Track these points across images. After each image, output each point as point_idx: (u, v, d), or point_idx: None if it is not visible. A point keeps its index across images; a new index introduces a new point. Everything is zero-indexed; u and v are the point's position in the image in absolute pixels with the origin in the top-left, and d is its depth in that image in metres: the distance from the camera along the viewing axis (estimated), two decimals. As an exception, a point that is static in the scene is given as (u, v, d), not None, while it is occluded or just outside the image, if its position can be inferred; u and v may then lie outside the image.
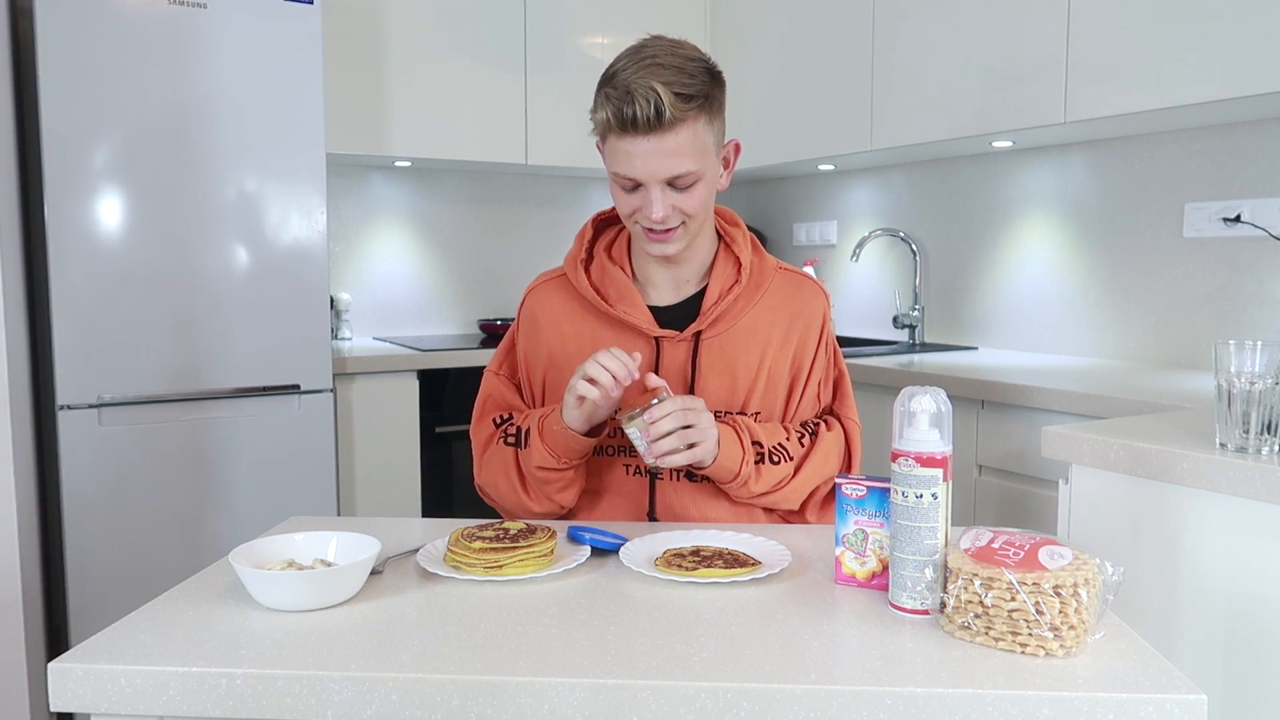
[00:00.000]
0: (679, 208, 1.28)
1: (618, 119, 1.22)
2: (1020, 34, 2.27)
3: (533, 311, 1.45)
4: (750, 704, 0.79)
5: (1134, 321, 2.44)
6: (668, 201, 1.27)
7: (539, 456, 1.30)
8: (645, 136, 1.22)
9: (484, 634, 0.90)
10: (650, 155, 1.23)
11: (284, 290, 2.39)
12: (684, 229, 1.31)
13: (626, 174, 1.26)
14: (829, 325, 1.44)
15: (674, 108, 1.21)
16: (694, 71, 1.24)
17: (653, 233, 1.30)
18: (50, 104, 2.11)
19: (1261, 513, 1.26)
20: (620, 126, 1.23)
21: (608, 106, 1.24)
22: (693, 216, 1.30)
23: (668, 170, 1.24)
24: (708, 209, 1.34)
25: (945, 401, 0.96)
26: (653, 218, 1.27)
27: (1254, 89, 1.84)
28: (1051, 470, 1.94)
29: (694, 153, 1.25)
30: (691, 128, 1.24)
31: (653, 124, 1.21)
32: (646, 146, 1.23)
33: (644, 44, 1.27)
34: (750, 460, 1.29)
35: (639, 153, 1.24)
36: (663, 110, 1.20)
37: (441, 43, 2.92)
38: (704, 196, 1.29)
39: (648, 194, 1.27)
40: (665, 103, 1.20)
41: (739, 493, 1.32)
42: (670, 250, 1.32)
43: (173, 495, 2.29)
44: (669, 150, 1.23)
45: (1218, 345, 1.32)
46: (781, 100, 3.02)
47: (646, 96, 1.20)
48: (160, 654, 0.85)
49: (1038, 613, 0.85)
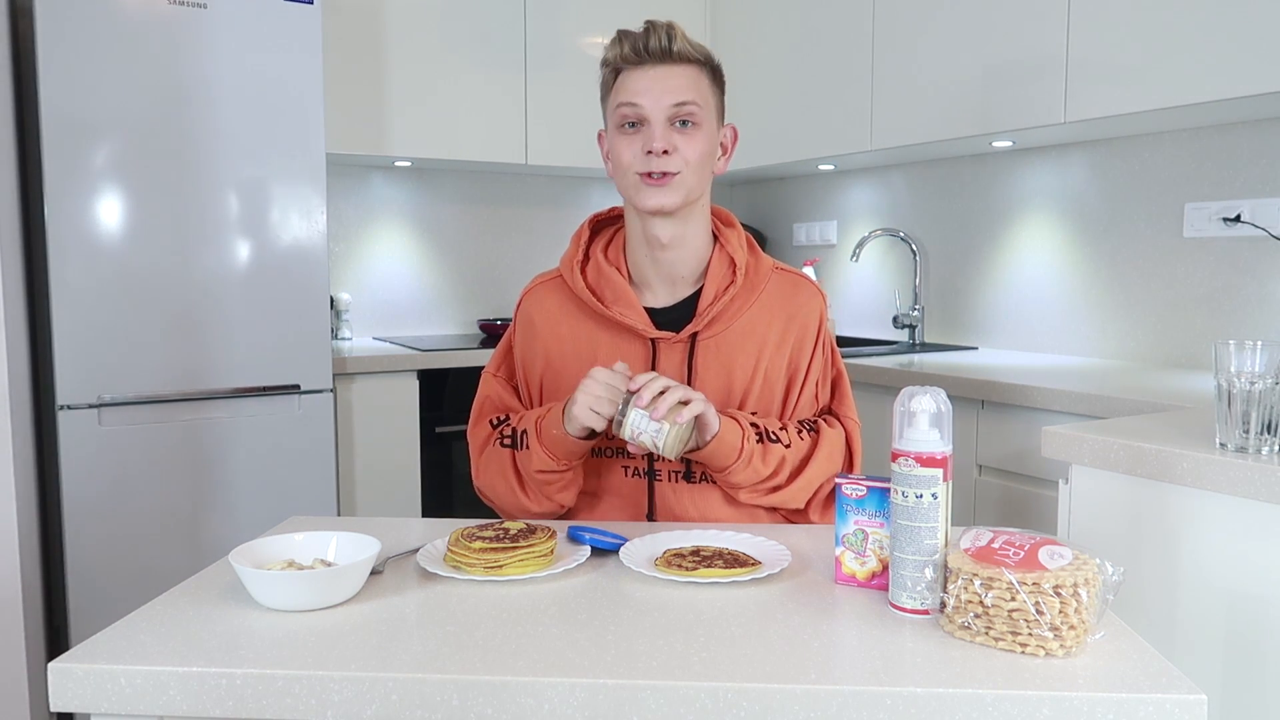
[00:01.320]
0: (679, 150, 1.30)
1: (633, 47, 1.30)
2: (1020, 34, 2.27)
3: (529, 314, 1.45)
4: (750, 704, 0.79)
5: (1134, 321, 2.44)
6: (669, 139, 1.30)
7: (539, 460, 1.30)
8: (655, 66, 1.29)
9: (484, 634, 0.90)
10: (658, 82, 1.29)
11: (284, 290, 2.39)
12: (680, 180, 1.31)
13: (633, 101, 1.30)
14: (826, 325, 1.44)
15: (684, 41, 1.30)
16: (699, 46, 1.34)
17: (649, 178, 1.30)
18: (50, 104, 2.11)
19: (1261, 513, 1.26)
20: (635, 54, 1.30)
21: (625, 40, 1.31)
22: (690, 165, 1.30)
23: (675, 96, 1.29)
24: (704, 175, 1.34)
25: (945, 401, 0.96)
26: (654, 148, 1.28)
27: (1254, 89, 1.84)
28: (1051, 470, 1.94)
29: (701, 94, 1.31)
30: (698, 72, 1.32)
31: (665, 52, 1.29)
32: (654, 74, 1.29)
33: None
34: (751, 438, 1.29)
35: (646, 82, 1.29)
36: (674, 40, 1.29)
37: (441, 43, 2.92)
38: (703, 151, 1.32)
39: (651, 129, 1.30)
40: (678, 35, 1.30)
41: (745, 478, 1.29)
42: (667, 201, 1.30)
43: (173, 495, 2.29)
44: (676, 82, 1.29)
45: (1218, 345, 1.32)
46: (781, 100, 3.02)
47: (660, 28, 1.29)
48: (160, 654, 0.85)
49: (1038, 613, 0.85)
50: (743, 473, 1.29)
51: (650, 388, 1.19)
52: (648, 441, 1.21)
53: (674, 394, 1.20)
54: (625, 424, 1.20)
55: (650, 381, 1.20)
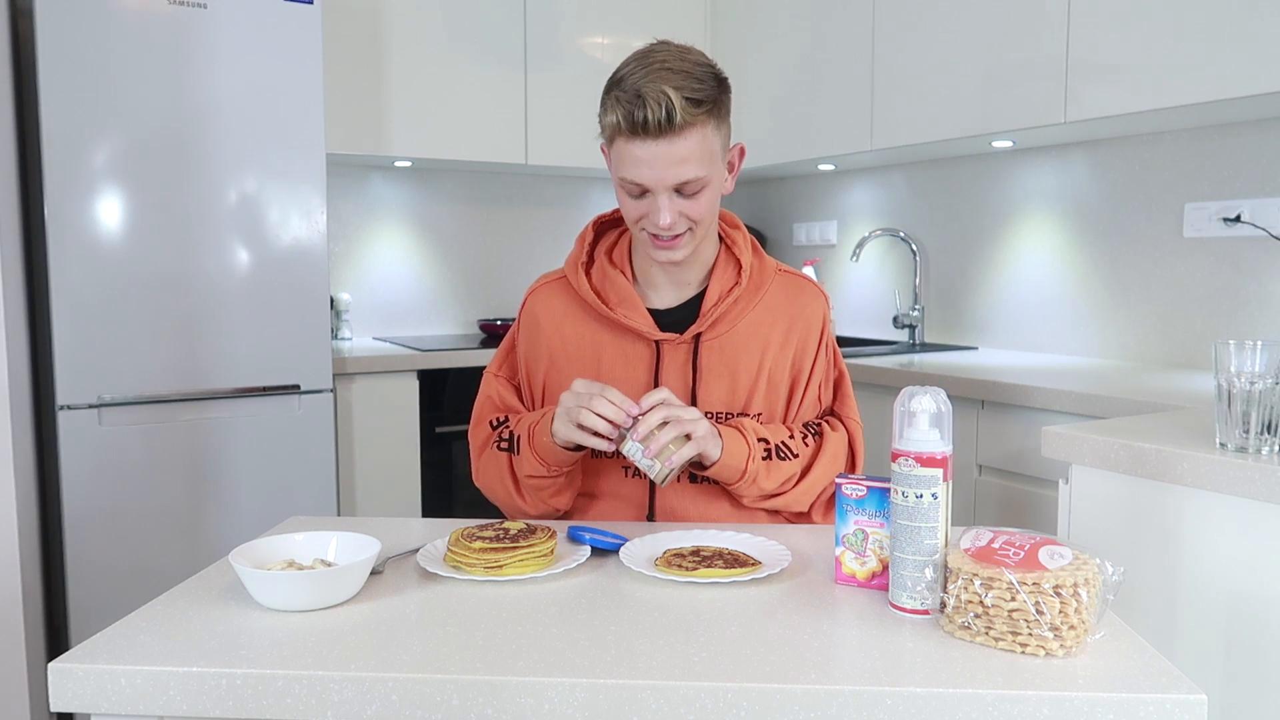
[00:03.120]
0: (686, 214, 1.27)
1: (628, 122, 1.21)
2: (1020, 34, 2.27)
3: (534, 313, 1.45)
4: (750, 704, 0.79)
5: (1134, 321, 2.44)
6: (675, 208, 1.26)
7: (529, 465, 1.30)
8: (655, 140, 1.21)
9: (484, 634, 0.90)
10: (659, 160, 1.22)
11: (284, 290, 2.39)
12: (690, 235, 1.30)
13: (634, 179, 1.25)
14: (829, 327, 1.44)
15: (685, 111, 1.20)
16: (702, 76, 1.23)
17: (659, 240, 1.30)
18: (50, 104, 2.11)
19: (1261, 513, 1.26)
20: (630, 130, 1.21)
21: (618, 109, 1.22)
22: (699, 223, 1.29)
23: (676, 176, 1.23)
24: (714, 214, 1.33)
25: (945, 401, 0.96)
26: (660, 225, 1.26)
27: (1254, 89, 1.84)
28: (1051, 470, 1.94)
29: (702, 158, 1.24)
30: (700, 133, 1.23)
31: (663, 127, 1.20)
32: (656, 150, 1.22)
33: (652, 49, 1.26)
34: (758, 456, 1.29)
35: (648, 157, 1.22)
36: (674, 114, 1.19)
37: (441, 43, 2.92)
38: (710, 202, 1.29)
39: (655, 201, 1.26)
40: (676, 106, 1.19)
41: (749, 492, 1.31)
42: (677, 257, 1.32)
43: (173, 495, 2.29)
44: (678, 156, 1.22)
45: (1218, 345, 1.32)
46: (782, 100, 3.02)
47: (658, 100, 1.19)
48: (160, 654, 0.85)
49: (1038, 613, 0.85)
50: (747, 489, 1.31)
51: (647, 421, 1.19)
52: (643, 469, 1.22)
53: (670, 432, 1.19)
54: (624, 447, 1.21)
55: (650, 413, 1.19)
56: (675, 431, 1.20)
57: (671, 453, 1.20)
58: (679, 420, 1.20)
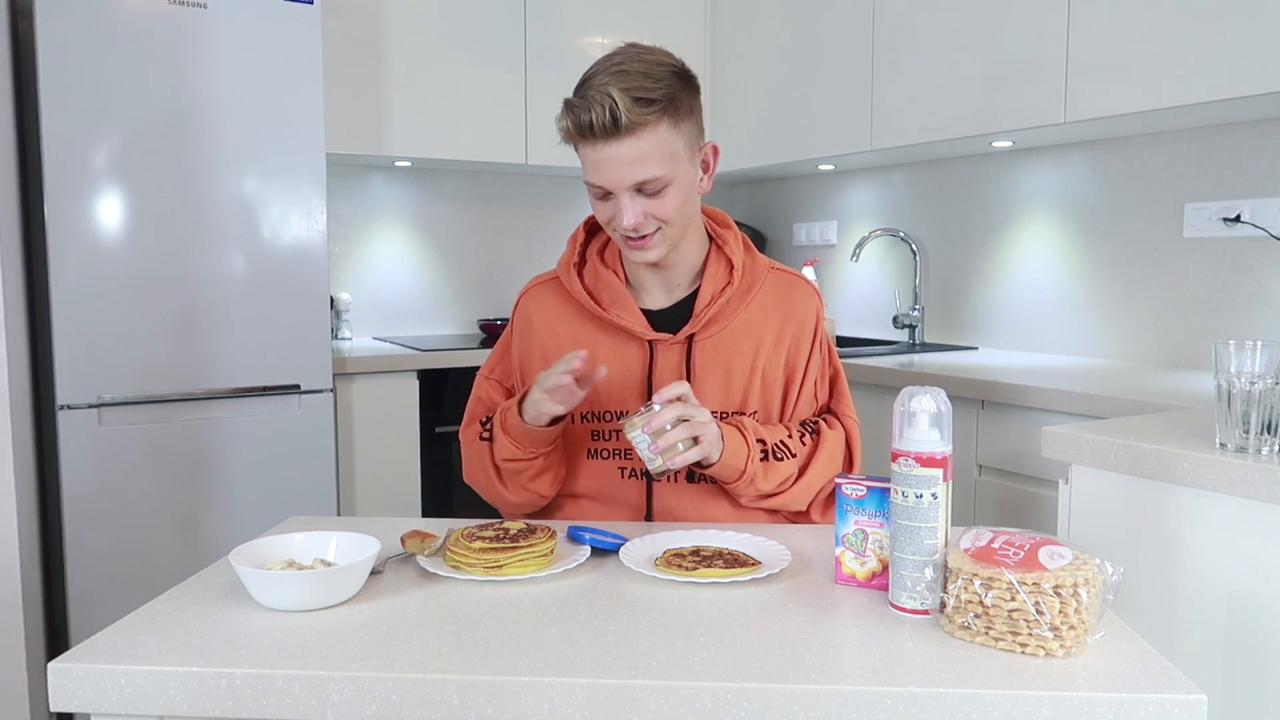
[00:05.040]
0: (652, 214, 1.27)
1: (575, 126, 1.23)
2: (1020, 34, 2.27)
3: (527, 313, 1.45)
4: (750, 704, 0.79)
5: (1134, 321, 2.44)
6: (638, 208, 1.26)
7: (505, 449, 1.31)
8: (605, 142, 1.22)
9: (484, 634, 0.90)
10: (613, 161, 1.23)
11: (284, 290, 2.39)
12: (661, 235, 1.30)
13: (594, 181, 1.26)
14: (823, 325, 1.44)
15: (630, 112, 1.20)
16: (659, 76, 1.23)
17: (630, 239, 1.30)
18: (50, 104, 2.11)
19: (1261, 513, 1.26)
20: (579, 133, 1.24)
21: (568, 115, 1.24)
22: (668, 222, 1.29)
23: (633, 176, 1.24)
24: (686, 214, 1.32)
25: (945, 401, 0.96)
26: (624, 225, 1.26)
27: (1254, 89, 1.84)
28: (1051, 470, 1.94)
29: (660, 158, 1.24)
30: (654, 132, 1.23)
31: (609, 130, 1.21)
32: (608, 153, 1.23)
33: (616, 51, 1.27)
34: (755, 457, 1.29)
35: (601, 160, 1.24)
36: (618, 116, 1.20)
37: (441, 43, 2.92)
38: (678, 202, 1.28)
39: (618, 201, 1.26)
40: (621, 108, 1.19)
41: (745, 492, 1.31)
42: (650, 257, 1.32)
43: (173, 495, 2.29)
44: (631, 156, 1.23)
45: (1218, 345, 1.32)
46: (781, 100, 3.02)
47: (602, 103, 1.20)
48: (160, 654, 0.86)
49: (1038, 613, 0.85)
50: (744, 489, 1.31)
51: (661, 416, 1.18)
52: (642, 458, 1.22)
53: (682, 431, 1.19)
54: (631, 433, 1.21)
55: (665, 410, 1.19)
56: (687, 433, 1.20)
57: (678, 452, 1.20)
58: (692, 421, 1.20)
